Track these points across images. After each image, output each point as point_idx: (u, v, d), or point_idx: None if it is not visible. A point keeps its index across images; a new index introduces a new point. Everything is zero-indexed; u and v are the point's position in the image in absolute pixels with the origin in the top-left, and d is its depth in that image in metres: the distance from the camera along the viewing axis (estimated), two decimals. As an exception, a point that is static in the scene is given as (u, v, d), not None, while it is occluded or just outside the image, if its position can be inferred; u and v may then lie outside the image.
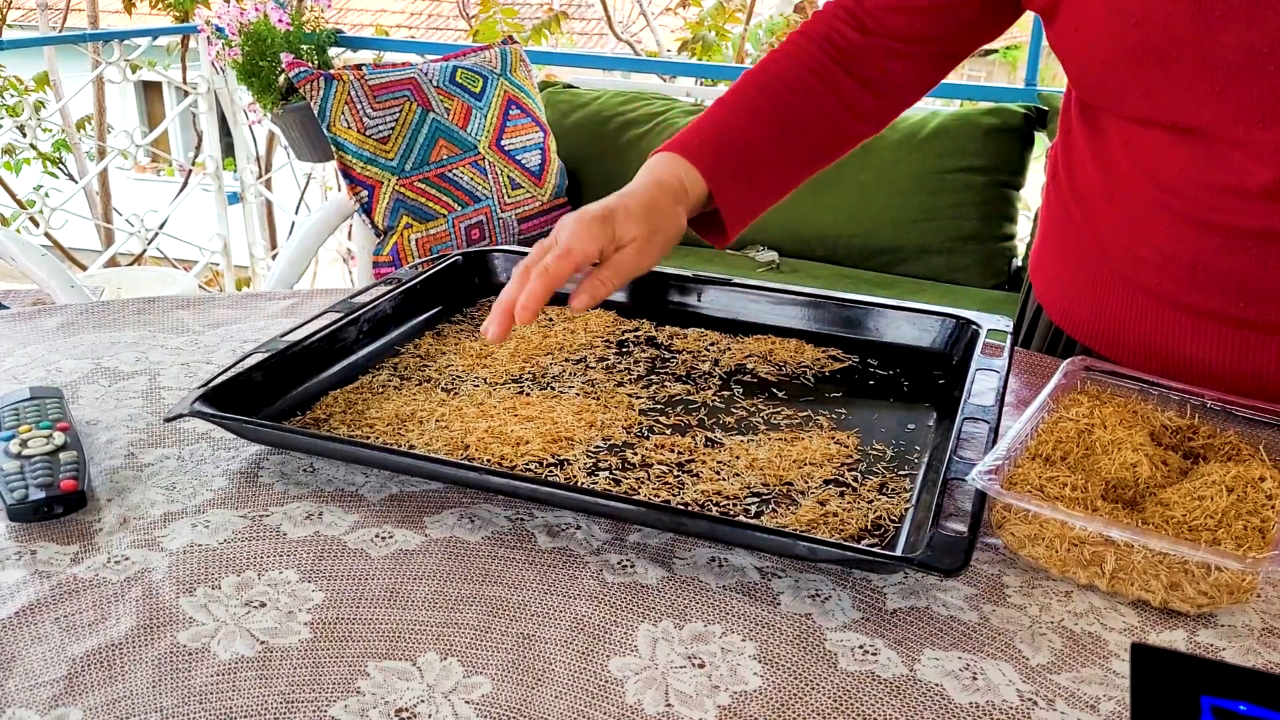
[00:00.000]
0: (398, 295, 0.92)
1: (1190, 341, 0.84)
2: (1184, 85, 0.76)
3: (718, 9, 4.10)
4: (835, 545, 0.59)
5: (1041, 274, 1.00)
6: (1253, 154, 0.75)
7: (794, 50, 0.91)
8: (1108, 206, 0.87)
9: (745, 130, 0.88)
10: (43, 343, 0.91)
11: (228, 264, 3.47)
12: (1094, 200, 0.90)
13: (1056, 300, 0.96)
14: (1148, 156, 0.82)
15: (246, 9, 2.62)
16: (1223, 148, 0.77)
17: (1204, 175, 0.78)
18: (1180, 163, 0.80)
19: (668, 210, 0.81)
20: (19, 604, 0.57)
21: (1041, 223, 1.00)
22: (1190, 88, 0.76)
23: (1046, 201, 0.99)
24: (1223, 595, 0.58)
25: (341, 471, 0.71)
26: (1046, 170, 1.00)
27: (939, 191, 2.20)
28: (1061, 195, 0.95)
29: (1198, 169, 0.79)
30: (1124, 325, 0.88)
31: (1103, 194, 0.88)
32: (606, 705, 0.51)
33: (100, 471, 0.70)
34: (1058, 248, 0.97)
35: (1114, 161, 0.86)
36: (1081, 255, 0.92)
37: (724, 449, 0.73)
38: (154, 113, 8.59)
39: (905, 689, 0.53)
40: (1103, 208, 0.88)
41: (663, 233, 0.80)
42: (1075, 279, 0.93)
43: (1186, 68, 0.76)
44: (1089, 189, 0.90)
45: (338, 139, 2.17)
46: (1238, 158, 0.76)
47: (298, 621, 0.56)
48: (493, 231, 2.30)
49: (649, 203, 0.80)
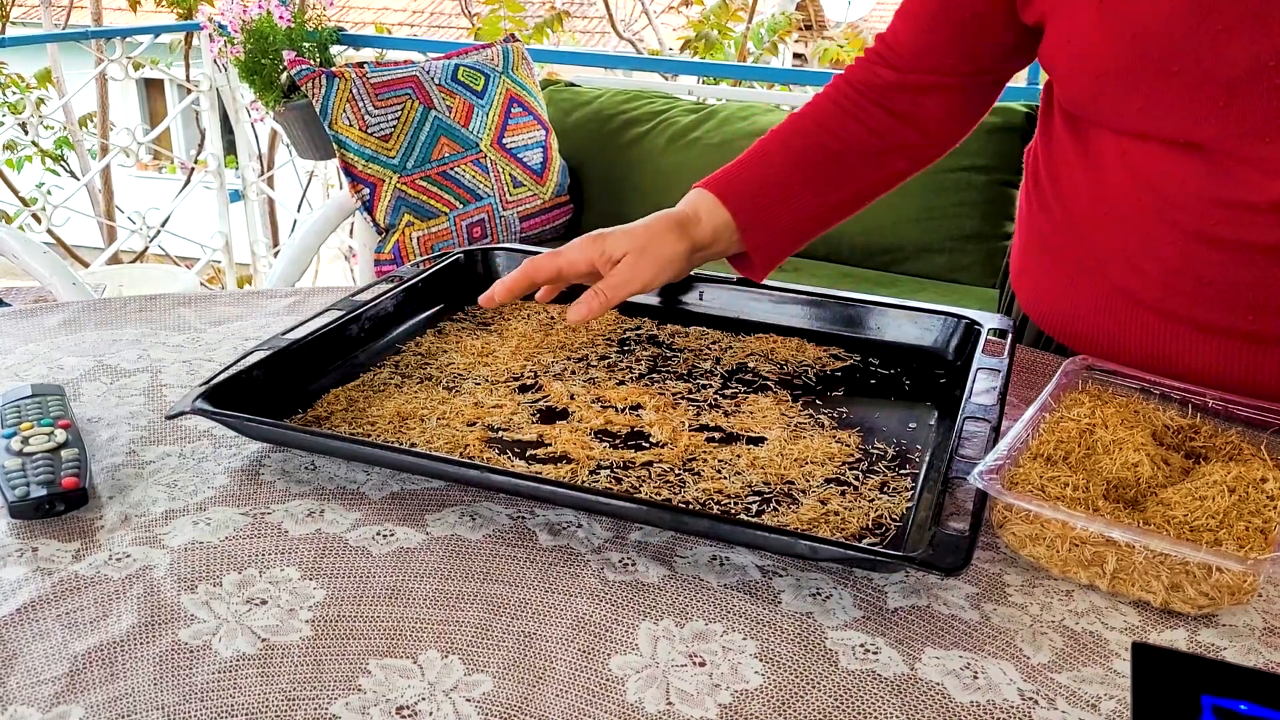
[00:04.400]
0: (399, 293, 0.92)
1: (1195, 355, 0.83)
2: (1185, 99, 0.75)
3: (720, 7, 4.10)
4: (836, 544, 0.59)
5: (1026, 281, 0.98)
6: (1259, 168, 0.74)
7: (832, 92, 0.95)
8: (1104, 220, 0.86)
9: (777, 166, 0.92)
10: (44, 340, 0.91)
11: (229, 262, 3.47)
12: (1084, 211, 0.88)
13: (1047, 313, 0.95)
14: (1148, 171, 0.81)
15: (249, 6, 2.62)
16: (1228, 163, 0.75)
17: (1209, 190, 0.77)
18: (1182, 177, 0.78)
19: (662, 233, 0.86)
20: (20, 601, 0.57)
21: (1021, 226, 0.99)
22: (1192, 102, 0.75)
23: (1027, 204, 0.97)
24: (1224, 596, 0.58)
25: (343, 469, 0.71)
26: (1025, 170, 0.99)
27: (940, 190, 2.19)
28: (1044, 199, 0.93)
29: (1202, 183, 0.77)
30: (1122, 338, 0.87)
31: (1096, 206, 0.87)
32: (607, 703, 0.51)
33: (102, 469, 0.70)
34: (1043, 255, 0.95)
35: (1109, 174, 0.84)
36: (1072, 267, 0.91)
37: (725, 448, 0.73)
38: (156, 110, 8.60)
39: (906, 688, 0.53)
40: (1097, 220, 0.87)
41: (652, 252, 0.85)
42: (1067, 291, 0.91)
43: (1188, 81, 0.74)
44: (1076, 198, 0.89)
45: (339, 137, 2.16)
46: (1244, 172, 0.75)
47: (299, 619, 0.56)
48: (494, 230, 2.30)
49: (644, 225, 0.87)
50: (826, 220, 0.94)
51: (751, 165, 0.92)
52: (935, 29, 0.91)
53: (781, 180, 0.91)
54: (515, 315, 0.95)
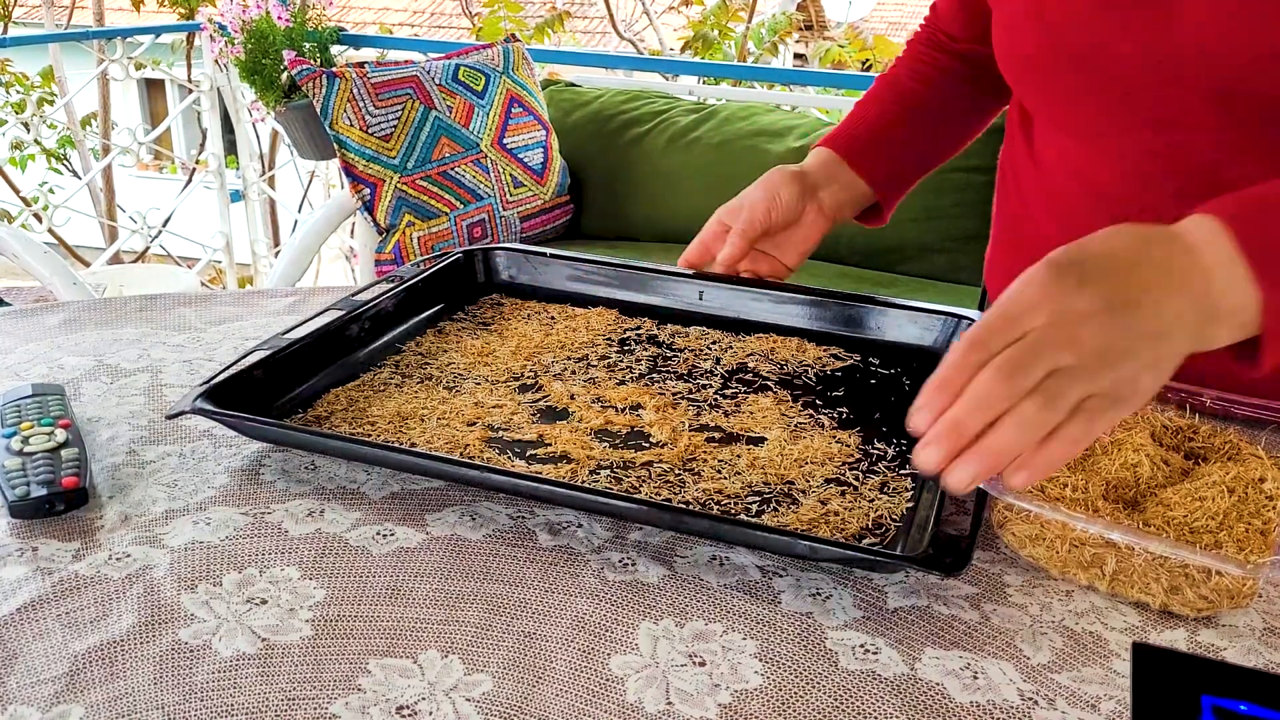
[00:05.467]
0: (399, 293, 0.92)
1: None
2: (1094, 89, 0.79)
3: (720, 7, 4.10)
4: (836, 544, 0.59)
5: (995, 277, 1.02)
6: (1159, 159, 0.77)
7: (913, 48, 1.03)
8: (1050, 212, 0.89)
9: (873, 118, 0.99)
10: (45, 340, 0.91)
11: (230, 261, 3.47)
12: (1034, 203, 0.92)
13: None
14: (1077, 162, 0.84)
15: (249, 6, 2.62)
16: (1134, 154, 0.79)
17: (1124, 179, 0.80)
18: (1102, 167, 0.81)
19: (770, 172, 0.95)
20: (20, 601, 0.57)
21: (995, 225, 1.02)
22: (1099, 91, 0.79)
23: (996, 200, 1.00)
24: (1223, 599, 0.58)
25: (343, 469, 0.71)
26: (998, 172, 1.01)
27: (940, 190, 2.19)
28: (1007, 193, 0.97)
29: (1119, 173, 0.80)
30: None
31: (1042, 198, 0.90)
32: (607, 703, 0.51)
33: (102, 468, 0.70)
34: (1007, 249, 0.99)
35: (1047, 166, 0.88)
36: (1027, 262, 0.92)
37: (725, 448, 0.73)
38: (157, 110, 8.60)
39: (906, 688, 0.53)
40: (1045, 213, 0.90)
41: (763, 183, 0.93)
42: None
43: (1094, 70, 0.78)
44: (1028, 191, 0.92)
45: (340, 137, 2.17)
46: (1148, 164, 0.78)
47: (299, 619, 0.56)
48: (495, 230, 2.30)
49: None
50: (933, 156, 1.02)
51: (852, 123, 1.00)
52: (966, 6, 0.97)
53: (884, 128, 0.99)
54: (515, 315, 0.95)
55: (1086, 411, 0.52)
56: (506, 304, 0.97)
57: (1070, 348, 0.51)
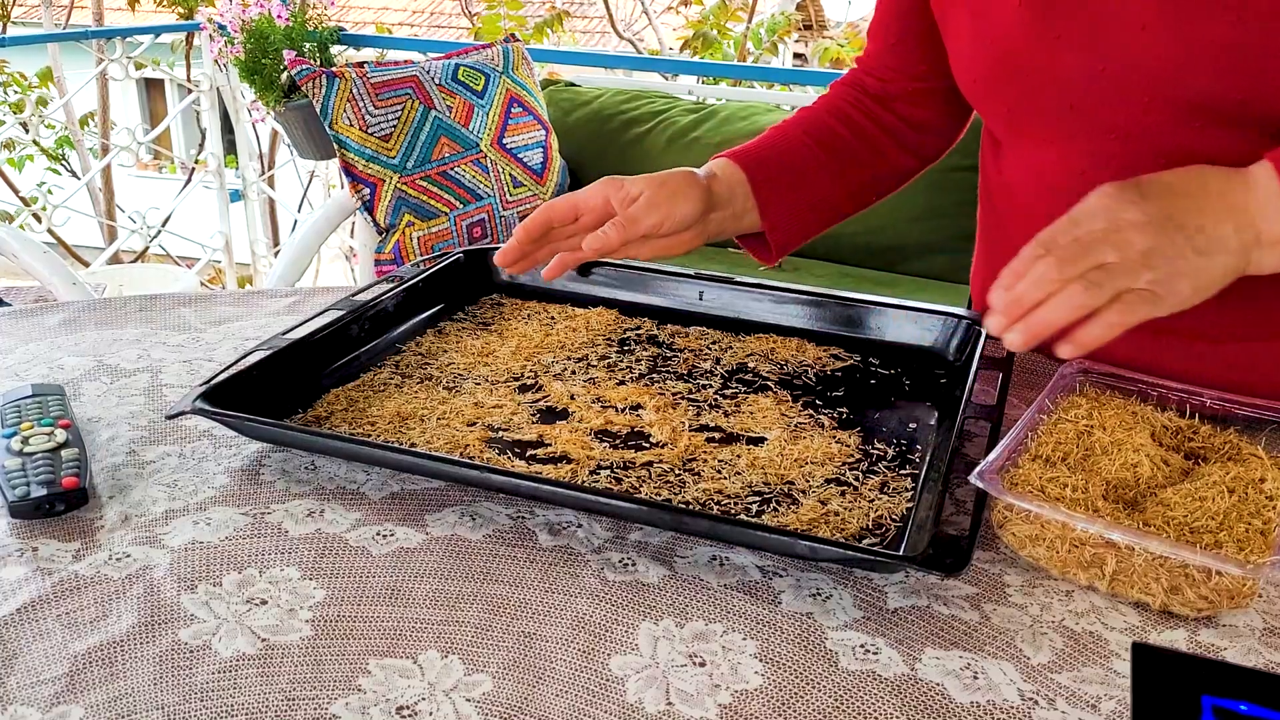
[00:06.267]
0: (399, 293, 0.92)
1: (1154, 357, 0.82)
2: (1039, 104, 0.81)
3: (720, 7, 4.10)
4: (836, 544, 0.59)
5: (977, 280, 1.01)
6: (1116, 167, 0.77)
7: (836, 92, 1.00)
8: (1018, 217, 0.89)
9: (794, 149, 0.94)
10: (45, 340, 0.91)
11: (230, 261, 3.47)
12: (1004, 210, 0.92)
13: None
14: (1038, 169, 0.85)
15: (249, 6, 2.62)
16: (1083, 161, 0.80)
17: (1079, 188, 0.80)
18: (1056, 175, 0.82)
19: (679, 176, 0.85)
20: (20, 601, 0.57)
21: (978, 237, 1.01)
22: (1044, 106, 0.80)
23: (980, 217, 1.00)
24: (1223, 600, 0.58)
25: (343, 469, 0.71)
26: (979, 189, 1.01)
27: (941, 190, 2.19)
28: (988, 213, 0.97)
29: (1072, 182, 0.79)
30: None
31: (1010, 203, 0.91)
32: (607, 703, 0.51)
33: (102, 469, 0.70)
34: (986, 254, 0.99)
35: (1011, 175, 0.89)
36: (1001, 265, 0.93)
37: (725, 448, 0.73)
38: (156, 110, 8.59)
39: (906, 688, 0.53)
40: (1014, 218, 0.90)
41: (670, 187, 0.83)
42: None
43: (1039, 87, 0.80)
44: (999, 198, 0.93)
45: (340, 136, 2.16)
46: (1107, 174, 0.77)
47: (299, 619, 0.56)
48: (495, 230, 2.30)
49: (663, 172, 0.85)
50: (839, 206, 0.97)
51: (767, 145, 0.94)
52: (902, 41, 0.95)
53: (798, 162, 0.93)
54: (515, 315, 0.95)
55: (1124, 302, 0.62)
56: (506, 304, 0.97)
57: (1118, 248, 0.62)
